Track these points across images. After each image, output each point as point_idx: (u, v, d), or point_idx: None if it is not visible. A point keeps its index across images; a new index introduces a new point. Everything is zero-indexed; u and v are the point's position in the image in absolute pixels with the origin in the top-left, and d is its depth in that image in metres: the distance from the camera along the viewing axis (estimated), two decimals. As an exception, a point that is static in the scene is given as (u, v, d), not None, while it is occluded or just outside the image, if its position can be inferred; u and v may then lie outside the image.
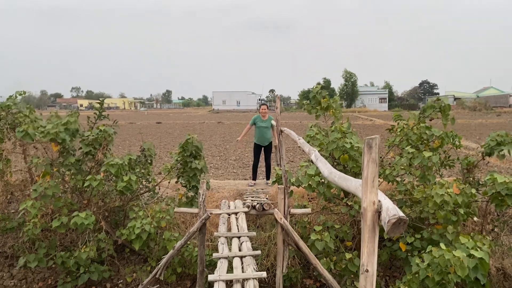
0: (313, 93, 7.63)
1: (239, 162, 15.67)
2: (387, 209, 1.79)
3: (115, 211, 7.88)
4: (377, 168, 1.87)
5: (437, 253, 5.04)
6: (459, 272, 4.84)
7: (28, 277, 7.76)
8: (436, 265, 5.00)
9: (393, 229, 1.72)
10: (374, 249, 1.87)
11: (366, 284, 1.87)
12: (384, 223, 1.75)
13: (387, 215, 1.75)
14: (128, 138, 24.72)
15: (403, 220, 1.70)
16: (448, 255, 4.92)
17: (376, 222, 1.87)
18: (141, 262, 7.82)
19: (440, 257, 4.97)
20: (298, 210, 6.63)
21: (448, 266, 4.90)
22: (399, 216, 1.70)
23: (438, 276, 4.97)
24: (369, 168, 1.86)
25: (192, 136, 8.06)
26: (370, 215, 1.87)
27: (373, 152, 1.87)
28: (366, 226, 1.88)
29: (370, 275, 1.87)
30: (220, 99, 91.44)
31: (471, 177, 7.64)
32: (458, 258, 4.87)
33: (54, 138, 6.91)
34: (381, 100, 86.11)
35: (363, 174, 1.89)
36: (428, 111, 7.06)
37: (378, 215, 1.88)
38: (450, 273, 4.90)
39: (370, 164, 1.86)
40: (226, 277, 4.14)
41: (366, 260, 1.87)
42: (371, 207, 1.86)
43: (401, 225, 1.71)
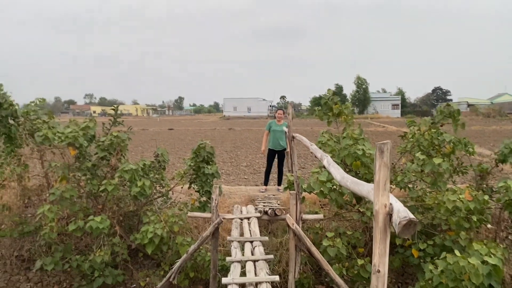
0: (325, 99, 7.68)
1: (250, 168, 15.73)
2: (398, 212, 1.85)
3: (129, 216, 8.00)
4: (389, 172, 1.93)
5: (451, 259, 5.03)
6: (474, 280, 4.82)
7: (44, 280, 7.90)
8: (450, 272, 4.98)
9: (403, 231, 1.78)
10: (386, 250, 1.93)
11: (378, 284, 1.92)
12: (395, 224, 1.81)
13: (398, 217, 1.81)
14: (141, 144, 24.97)
15: (413, 222, 1.76)
16: (463, 262, 4.90)
17: (387, 224, 1.93)
18: (154, 266, 7.91)
19: (455, 263, 4.96)
20: (310, 216, 6.67)
21: (463, 273, 4.88)
22: (410, 218, 1.76)
23: (452, 283, 4.96)
24: (381, 172, 1.93)
25: (205, 142, 8.17)
26: (381, 217, 1.93)
27: (384, 156, 1.93)
28: (377, 228, 1.94)
29: (382, 275, 1.93)
30: (231, 106, 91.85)
31: (484, 184, 7.60)
32: (473, 265, 4.85)
33: (72, 142, 7.09)
34: (394, 106, 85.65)
35: (375, 177, 1.96)
36: (438, 117, 7.06)
37: (389, 217, 1.93)
38: (464, 280, 4.88)
39: (382, 168, 1.93)
40: (239, 280, 4.20)
41: (378, 261, 1.93)
42: (382, 210, 1.92)
43: (411, 227, 1.77)
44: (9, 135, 7.99)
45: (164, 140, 28.72)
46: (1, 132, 7.94)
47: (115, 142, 7.53)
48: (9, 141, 8.04)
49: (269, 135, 9.88)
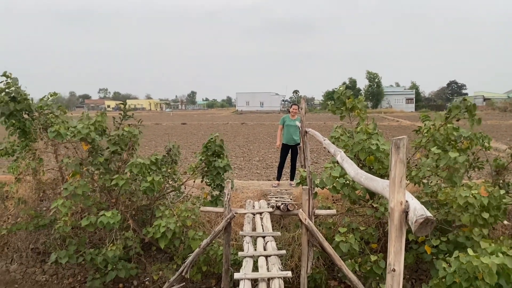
0: (338, 94, 7.59)
1: (262, 163, 15.72)
2: (415, 209, 1.80)
3: (143, 210, 8.05)
4: (405, 168, 1.88)
5: (464, 259, 4.94)
6: (488, 279, 4.72)
7: (59, 273, 8.02)
8: (463, 271, 4.89)
9: (420, 229, 1.73)
10: (401, 249, 1.88)
11: (393, 283, 1.88)
12: (412, 223, 1.76)
13: (414, 215, 1.76)
14: (154, 138, 25.13)
15: (430, 220, 1.71)
16: (476, 262, 4.80)
17: (403, 222, 1.88)
18: (167, 260, 7.96)
19: (468, 263, 4.87)
20: (322, 211, 6.62)
21: (476, 272, 4.79)
22: (427, 216, 1.71)
23: (466, 282, 4.87)
24: (397, 168, 1.88)
25: (215, 136, 8.16)
26: (397, 215, 1.88)
27: (400, 152, 1.88)
28: (393, 226, 1.89)
29: (397, 274, 1.88)
30: (244, 100, 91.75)
31: (501, 179, 7.45)
32: (487, 265, 4.75)
33: (84, 137, 7.14)
34: (408, 100, 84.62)
35: (391, 174, 1.91)
36: (454, 112, 6.91)
37: (405, 215, 1.89)
38: (478, 280, 4.79)
39: (397, 164, 1.88)
40: (252, 275, 4.19)
41: (393, 260, 1.88)
42: (398, 207, 1.88)
43: (428, 225, 1.72)
44: (23, 129, 8.09)
45: (177, 134, 28.85)
46: (16, 126, 8.04)
47: (127, 136, 7.56)
48: (24, 136, 8.14)
49: (283, 129, 9.85)
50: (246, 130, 33.91)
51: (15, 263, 8.13)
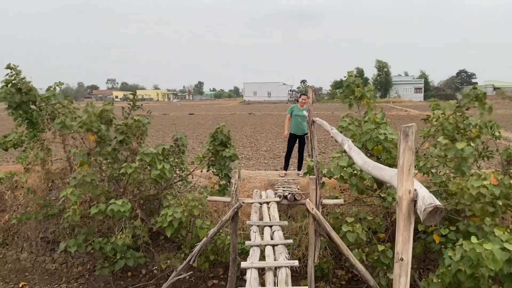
0: (347, 82, 7.50)
1: (270, 153, 15.71)
2: (423, 198, 1.77)
3: (150, 200, 8.09)
4: (413, 156, 1.84)
5: (468, 246, 4.92)
6: (492, 266, 4.70)
7: (68, 262, 8.12)
8: (468, 259, 4.87)
9: (429, 218, 1.70)
10: (409, 238, 1.85)
11: (401, 272, 1.86)
12: (420, 211, 1.73)
13: (423, 204, 1.73)
14: (162, 129, 25.19)
15: (439, 209, 1.68)
16: (479, 249, 4.78)
17: (411, 211, 1.85)
18: (175, 249, 8.02)
19: (471, 250, 4.84)
20: (330, 200, 6.60)
21: (480, 259, 4.77)
22: (436, 205, 1.68)
23: (470, 269, 4.86)
24: (405, 156, 1.84)
25: (222, 125, 8.15)
26: (405, 203, 1.85)
27: (409, 140, 1.84)
28: (401, 215, 1.86)
29: (405, 263, 1.86)
30: (251, 90, 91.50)
31: (511, 169, 7.36)
32: (490, 252, 4.72)
33: (90, 128, 7.16)
34: (417, 90, 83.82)
35: (399, 162, 1.87)
36: (464, 100, 6.82)
37: (413, 204, 1.86)
38: (483, 267, 4.77)
39: (406, 152, 1.84)
40: (258, 264, 4.20)
41: (401, 249, 1.86)
42: (406, 196, 1.84)
43: (437, 214, 1.69)
44: (31, 120, 8.14)
45: (184, 124, 28.89)
46: (23, 117, 8.09)
47: (135, 125, 7.57)
48: (32, 126, 8.21)
49: (291, 119, 9.77)
50: (254, 120, 33.87)
51: (25, 252, 8.24)
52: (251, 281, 3.92)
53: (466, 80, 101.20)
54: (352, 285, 7.48)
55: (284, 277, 3.93)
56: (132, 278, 7.88)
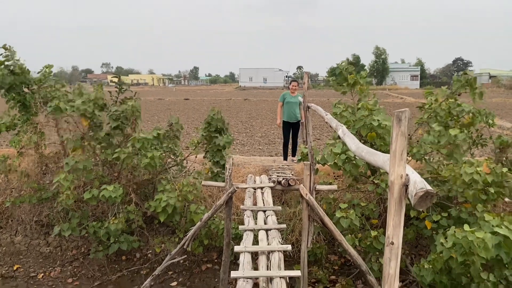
0: (340, 69, 7.49)
1: (265, 139, 15.73)
2: (415, 183, 1.78)
3: (145, 184, 8.10)
4: (406, 141, 1.85)
5: (460, 234, 4.97)
6: (483, 254, 4.76)
7: (62, 245, 8.14)
8: (459, 246, 4.93)
9: (419, 203, 1.71)
10: (400, 222, 1.87)
11: (391, 256, 1.87)
12: (411, 196, 1.74)
13: (414, 188, 1.74)
14: (157, 113, 25.11)
15: (430, 193, 1.69)
16: (472, 237, 4.83)
17: (403, 195, 1.86)
18: (170, 233, 8.06)
19: (463, 238, 4.89)
20: (323, 186, 6.64)
21: (472, 247, 4.82)
22: (427, 190, 1.69)
23: (461, 257, 4.92)
24: (398, 141, 1.84)
25: (216, 110, 8.10)
26: (397, 188, 1.86)
27: (402, 125, 1.84)
28: (392, 199, 1.87)
29: (395, 247, 1.87)
30: (247, 76, 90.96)
31: (504, 156, 7.41)
32: (482, 240, 4.78)
33: (83, 113, 7.12)
34: (413, 77, 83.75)
35: (392, 147, 1.88)
36: (455, 86, 6.82)
37: (405, 188, 1.86)
38: (474, 255, 4.83)
39: (399, 137, 1.84)
40: (251, 248, 4.22)
41: (392, 233, 1.87)
42: (398, 181, 1.85)
43: (428, 199, 1.70)
44: (24, 103, 8.06)
45: (179, 110, 28.78)
46: (16, 100, 8.01)
47: (130, 111, 7.52)
48: (24, 109, 8.13)
49: (283, 107, 9.60)
50: (249, 106, 33.78)
51: (19, 235, 8.25)
52: (244, 264, 3.95)
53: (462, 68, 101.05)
54: (344, 270, 7.56)
55: (277, 261, 3.96)
56: (127, 261, 7.93)
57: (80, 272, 7.75)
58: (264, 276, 3.74)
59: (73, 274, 7.68)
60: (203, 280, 7.63)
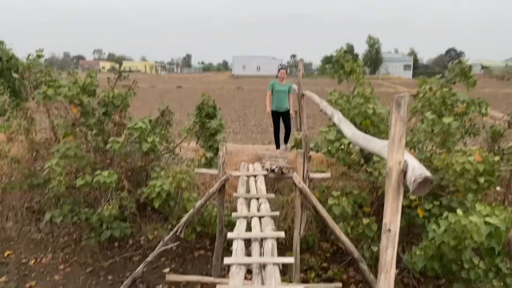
0: (337, 57, 7.47)
1: (258, 128, 15.71)
2: (413, 169, 1.76)
3: (137, 171, 8.04)
4: (405, 127, 1.82)
5: (453, 218, 5.00)
6: (476, 237, 4.80)
7: (54, 231, 8.09)
8: (452, 230, 4.96)
9: (418, 189, 1.69)
10: (398, 209, 1.85)
11: (388, 243, 1.86)
12: (410, 182, 1.72)
13: (413, 175, 1.72)
14: (150, 101, 24.88)
15: (429, 179, 1.67)
16: (465, 221, 4.87)
17: (401, 181, 1.84)
18: (162, 220, 8.03)
19: (457, 222, 4.93)
20: (317, 174, 6.63)
21: (465, 231, 4.86)
22: (426, 176, 1.67)
23: (454, 241, 4.95)
24: (397, 126, 1.82)
25: (207, 96, 8.07)
26: (395, 174, 1.84)
27: (401, 110, 1.82)
28: (390, 186, 1.85)
29: (392, 234, 1.86)
30: (240, 64, 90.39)
31: (496, 146, 7.45)
32: (475, 224, 4.81)
33: (72, 100, 7.02)
34: (406, 67, 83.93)
35: (390, 132, 1.85)
36: (450, 75, 6.84)
37: (403, 175, 1.84)
38: (467, 239, 4.86)
39: (398, 122, 1.82)
40: (245, 235, 4.21)
41: (389, 220, 1.86)
42: (396, 167, 1.83)
43: (427, 185, 1.69)
44: (13, 89, 7.93)
45: (172, 98, 28.54)
46: (5, 85, 7.88)
47: (117, 98, 7.43)
48: (14, 95, 8.00)
49: (272, 96, 9.42)
50: (242, 94, 33.67)
51: (10, 221, 8.18)
52: (237, 251, 3.94)
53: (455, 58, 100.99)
54: (336, 257, 7.60)
55: (270, 248, 3.95)
56: (119, 248, 7.90)
57: (72, 258, 7.71)
58: (257, 262, 3.73)
59: (65, 261, 7.65)
60: (196, 267, 7.64)
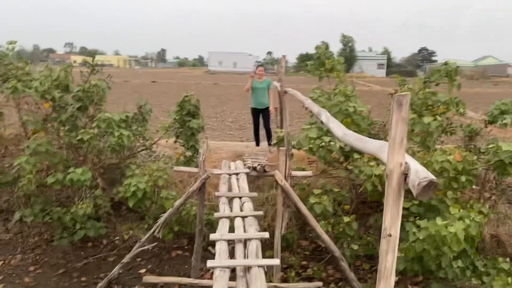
0: (318, 54, 7.41)
1: (235, 124, 15.57)
2: (417, 171, 1.68)
3: (112, 169, 7.80)
4: (406, 128, 1.74)
5: (433, 228, 5.03)
6: (455, 247, 4.87)
7: (24, 232, 7.76)
8: (432, 240, 5.01)
9: (422, 193, 1.62)
10: (398, 213, 1.77)
11: (388, 248, 1.78)
12: (413, 186, 1.64)
13: (417, 178, 1.64)
14: (123, 96, 24.32)
15: (434, 183, 1.60)
16: (444, 231, 4.91)
17: (402, 185, 1.77)
18: (138, 220, 7.82)
19: (437, 232, 4.97)
20: (299, 172, 6.57)
21: (445, 241, 4.91)
22: (431, 179, 1.59)
23: (434, 250, 5.01)
24: (399, 127, 1.74)
25: (190, 94, 7.89)
26: (396, 177, 1.76)
27: (403, 110, 1.74)
28: (391, 189, 1.77)
29: (393, 239, 1.78)
30: (216, 60, 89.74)
31: (472, 145, 7.58)
32: (454, 234, 4.87)
33: (43, 95, 6.72)
34: (379, 66, 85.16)
35: (391, 133, 1.77)
36: (435, 76, 6.89)
37: (404, 177, 1.77)
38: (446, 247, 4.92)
39: (399, 122, 1.74)
40: (228, 236, 4.09)
41: (390, 224, 1.78)
42: (397, 169, 1.75)
43: (431, 189, 1.61)
44: (-19, 81, 7.53)
45: (147, 93, 27.97)
46: (-29, 78, 7.48)
47: (93, 91, 7.16)
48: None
49: (251, 93, 9.44)
50: (219, 90, 33.40)
51: (-24, 221, 7.79)
52: (221, 253, 3.81)
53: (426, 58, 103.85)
54: (315, 255, 7.58)
55: (255, 249, 3.85)
56: (93, 248, 7.65)
57: (43, 259, 7.40)
58: (242, 265, 3.62)
59: (35, 262, 7.33)
60: (173, 267, 7.48)
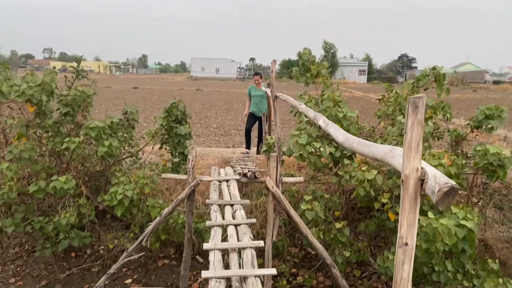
0: (302, 60, 7.34)
1: (220, 130, 15.44)
2: (435, 177, 1.60)
3: (96, 176, 7.57)
4: (422, 131, 1.67)
5: (424, 222, 5.00)
6: (447, 240, 4.81)
7: (3, 242, 7.47)
8: (424, 234, 4.96)
9: (443, 199, 1.54)
10: (415, 221, 1.69)
11: (405, 258, 1.70)
12: (433, 192, 1.56)
13: (436, 183, 1.56)
14: (105, 102, 23.99)
15: (455, 189, 1.52)
16: (436, 224, 4.88)
17: (418, 191, 1.69)
18: (123, 228, 7.62)
19: (428, 225, 4.93)
20: (290, 178, 6.48)
21: (436, 234, 4.87)
22: (452, 185, 1.52)
23: (425, 244, 4.95)
24: (414, 131, 1.66)
25: (178, 101, 7.76)
26: (412, 183, 1.68)
27: (419, 113, 1.66)
28: (407, 196, 1.69)
29: (410, 249, 1.70)
30: (199, 66, 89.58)
31: (459, 149, 7.62)
32: (446, 226, 4.83)
33: (29, 98, 6.48)
34: (361, 72, 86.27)
35: (406, 137, 1.69)
36: (423, 80, 6.91)
37: (420, 183, 1.69)
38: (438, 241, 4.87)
39: (415, 126, 1.66)
40: (222, 245, 3.96)
41: (406, 233, 1.69)
42: (414, 175, 1.67)
43: (451, 195, 1.53)
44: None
45: (129, 99, 27.58)
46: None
47: (80, 97, 6.97)
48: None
49: (251, 100, 9.69)
50: (202, 96, 33.21)
51: (-48, 232, 7.44)
52: (215, 263, 3.67)
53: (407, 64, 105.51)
54: (305, 262, 7.50)
55: (250, 258, 3.73)
56: (76, 258, 7.41)
57: (24, 271, 7.13)
58: (238, 275, 3.50)
59: (16, 274, 7.06)
60: (160, 277, 7.29)
